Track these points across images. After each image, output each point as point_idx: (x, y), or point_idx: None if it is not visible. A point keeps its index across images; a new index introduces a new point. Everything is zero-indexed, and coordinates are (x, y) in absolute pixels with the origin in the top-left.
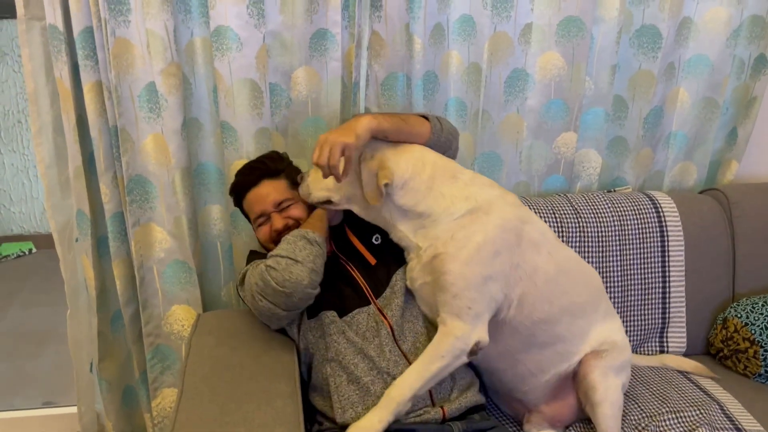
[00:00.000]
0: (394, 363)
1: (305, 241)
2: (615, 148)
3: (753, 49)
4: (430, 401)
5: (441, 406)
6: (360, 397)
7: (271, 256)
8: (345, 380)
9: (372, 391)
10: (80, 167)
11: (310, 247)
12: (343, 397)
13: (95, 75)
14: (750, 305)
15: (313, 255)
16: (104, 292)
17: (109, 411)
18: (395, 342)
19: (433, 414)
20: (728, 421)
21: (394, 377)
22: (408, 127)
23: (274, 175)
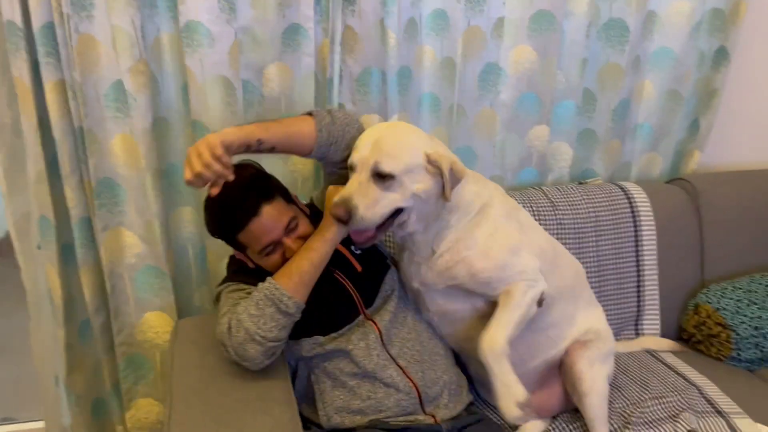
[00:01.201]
0: (381, 366)
1: (275, 309)
2: (585, 141)
3: (713, 42)
4: (421, 410)
5: (432, 415)
6: (345, 401)
7: (233, 315)
8: (329, 386)
9: (358, 394)
10: (43, 171)
11: (279, 318)
12: (327, 404)
13: (57, 73)
14: (720, 291)
15: (278, 328)
16: (70, 301)
17: (79, 424)
18: (383, 346)
19: (424, 419)
20: (708, 404)
21: (382, 380)
22: (270, 130)
23: (270, 196)
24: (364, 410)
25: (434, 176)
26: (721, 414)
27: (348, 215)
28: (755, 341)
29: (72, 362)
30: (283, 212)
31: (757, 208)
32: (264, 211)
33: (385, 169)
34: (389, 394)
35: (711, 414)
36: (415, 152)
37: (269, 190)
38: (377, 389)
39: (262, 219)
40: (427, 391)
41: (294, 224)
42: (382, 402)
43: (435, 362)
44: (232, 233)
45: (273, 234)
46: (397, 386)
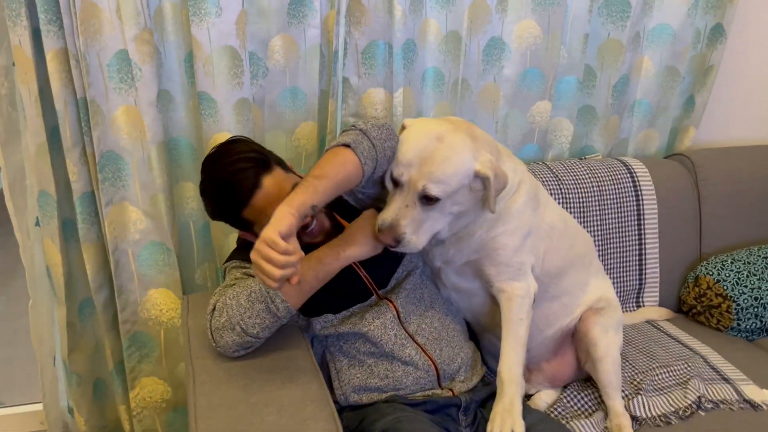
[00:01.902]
0: (400, 345)
1: (265, 307)
2: (584, 117)
3: (709, 19)
4: (438, 385)
5: (450, 389)
6: (362, 380)
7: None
8: (346, 365)
9: (375, 373)
10: (44, 143)
11: (266, 317)
12: (344, 383)
13: (60, 41)
14: (720, 263)
15: (261, 326)
16: (71, 278)
17: (80, 406)
18: (401, 324)
19: (441, 393)
20: (714, 371)
21: (400, 359)
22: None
23: (268, 166)
24: (382, 388)
25: (476, 192)
26: (728, 381)
27: (396, 242)
28: (755, 311)
29: (72, 341)
30: (284, 181)
31: (754, 183)
32: (265, 183)
33: (433, 194)
34: (408, 373)
35: (718, 381)
36: (464, 173)
37: (266, 161)
38: (395, 368)
39: (265, 190)
40: (446, 368)
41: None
42: (401, 380)
43: (453, 338)
44: (235, 212)
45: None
46: (415, 364)
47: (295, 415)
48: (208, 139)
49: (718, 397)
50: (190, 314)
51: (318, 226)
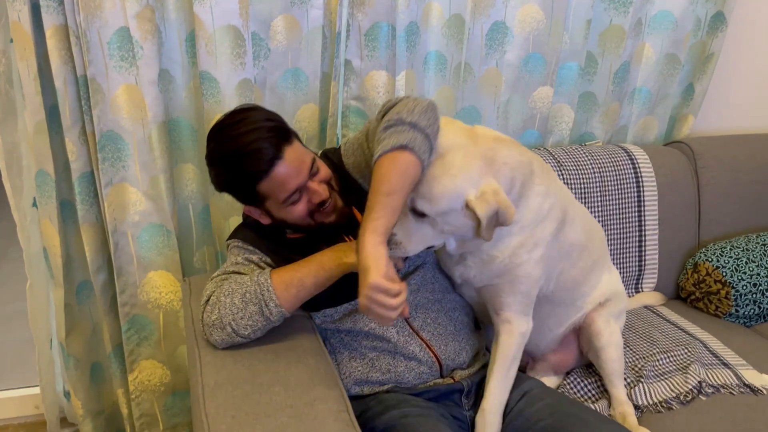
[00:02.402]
0: (403, 342)
1: (258, 310)
2: (585, 103)
3: (710, 7)
4: (439, 374)
5: (451, 377)
6: (364, 373)
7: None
8: (347, 357)
9: (377, 367)
10: (42, 122)
11: (258, 320)
12: (344, 375)
13: (60, 18)
14: (719, 249)
15: (252, 328)
16: (68, 260)
17: (77, 389)
18: (405, 319)
19: (443, 382)
20: (714, 357)
21: (403, 354)
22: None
23: (289, 137)
24: (383, 381)
25: (473, 218)
26: (728, 366)
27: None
28: (753, 297)
29: (70, 324)
30: (304, 154)
31: (754, 171)
32: (287, 154)
33: (419, 209)
34: (410, 368)
35: (718, 366)
36: (453, 198)
37: (286, 132)
38: (398, 363)
39: (287, 162)
40: (449, 363)
41: (315, 168)
42: (403, 375)
43: (460, 332)
44: (252, 183)
45: (299, 178)
46: (419, 360)
47: (303, 395)
48: (209, 120)
49: (718, 382)
50: (192, 296)
51: (332, 204)
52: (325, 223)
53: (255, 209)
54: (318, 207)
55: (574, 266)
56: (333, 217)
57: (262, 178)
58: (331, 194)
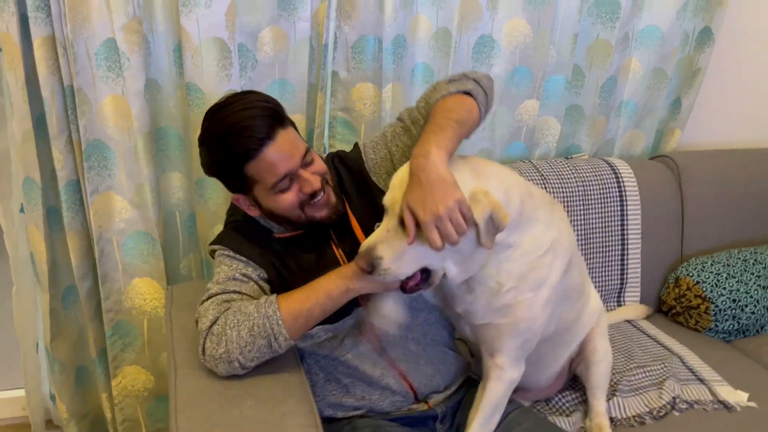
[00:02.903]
0: (379, 375)
1: (267, 343)
2: (572, 116)
3: (698, 22)
4: (413, 397)
5: (426, 402)
6: (338, 398)
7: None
8: (322, 379)
9: (352, 393)
10: (30, 131)
11: (266, 352)
12: (319, 398)
13: (47, 29)
14: (700, 264)
15: (259, 360)
16: (55, 266)
17: (62, 393)
18: (382, 350)
19: (417, 407)
20: (690, 372)
21: (378, 385)
22: (464, 128)
23: (284, 121)
24: (357, 407)
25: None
26: (703, 381)
27: (371, 267)
28: (732, 313)
29: (55, 329)
30: (298, 140)
31: (736, 186)
32: (279, 137)
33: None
34: (385, 397)
35: (693, 381)
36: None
37: (281, 116)
38: (372, 391)
39: (278, 144)
40: (423, 390)
41: (309, 158)
42: (377, 403)
43: (434, 356)
44: (240, 164)
45: (291, 163)
46: (393, 390)
47: (274, 408)
48: (195, 130)
49: (692, 398)
50: (173, 305)
51: (325, 198)
52: (315, 219)
53: (243, 198)
54: (309, 198)
55: (573, 307)
56: (325, 212)
57: (252, 157)
58: (324, 187)
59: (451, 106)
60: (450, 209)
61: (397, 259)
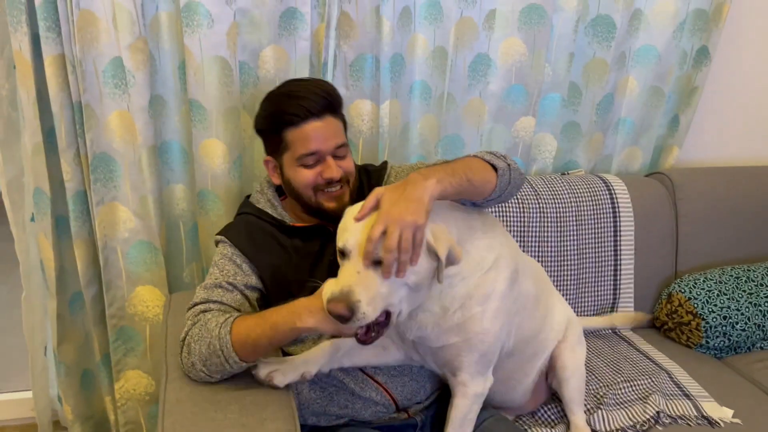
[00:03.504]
0: (360, 386)
1: (222, 361)
2: (569, 133)
3: (696, 41)
4: (394, 408)
5: (406, 411)
6: (322, 406)
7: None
8: (306, 387)
9: (335, 401)
10: (40, 144)
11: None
12: (303, 405)
13: (57, 48)
14: (692, 281)
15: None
16: (62, 273)
17: (68, 395)
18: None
19: (398, 416)
20: (677, 387)
21: (360, 396)
22: (471, 188)
23: (337, 111)
24: (340, 415)
25: (430, 261)
26: (689, 397)
27: (350, 312)
28: (723, 330)
29: (62, 333)
30: (340, 134)
31: (731, 204)
32: (325, 119)
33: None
34: (367, 406)
35: (679, 397)
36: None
37: (337, 107)
38: (355, 400)
39: (321, 124)
40: (405, 402)
41: (343, 152)
42: (359, 412)
43: (422, 372)
44: (282, 126)
45: (323, 144)
46: (374, 401)
47: (255, 413)
48: (197, 144)
49: (677, 413)
50: (170, 313)
51: (339, 192)
52: (323, 207)
53: (272, 161)
54: (325, 185)
55: (532, 317)
56: (333, 204)
57: (293, 123)
58: (342, 183)
59: (475, 166)
60: (410, 224)
61: (373, 301)
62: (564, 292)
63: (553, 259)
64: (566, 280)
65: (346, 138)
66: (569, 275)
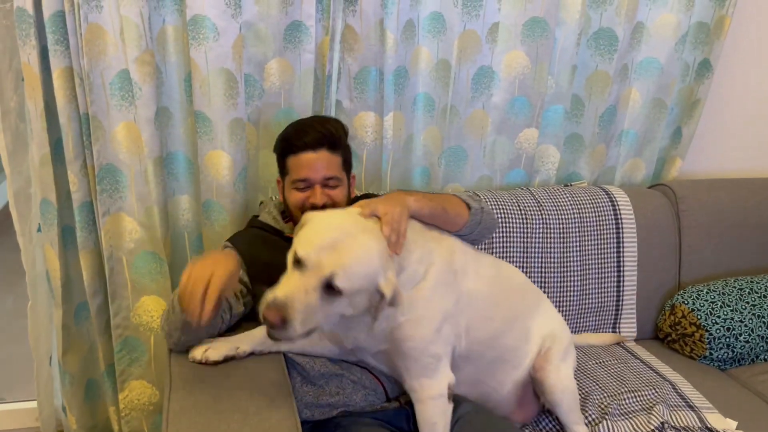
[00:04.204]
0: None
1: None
2: (572, 145)
3: (698, 54)
4: (385, 398)
5: (398, 400)
6: (315, 397)
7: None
8: (299, 381)
9: (327, 390)
10: (47, 155)
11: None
12: (297, 398)
13: (66, 60)
14: (695, 293)
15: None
16: (68, 283)
17: (72, 405)
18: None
19: (389, 405)
20: (681, 398)
21: (349, 378)
22: (444, 215)
23: (335, 148)
24: (333, 404)
25: (372, 297)
26: (693, 408)
27: (281, 323)
28: (727, 341)
29: (67, 343)
30: (333, 167)
31: (734, 215)
32: (321, 153)
33: (339, 285)
34: (357, 390)
35: (683, 408)
36: (371, 279)
37: (336, 144)
38: (345, 385)
39: (315, 156)
40: (393, 388)
41: (333, 183)
42: (351, 396)
43: None
44: (286, 153)
45: (314, 174)
46: (363, 384)
47: (259, 423)
48: (203, 155)
49: (681, 424)
50: None
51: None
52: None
53: (281, 182)
54: (311, 208)
55: (488, 318)
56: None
57: (293, 152)
58: (326, 208)
59: (451, 200)
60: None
61: (305, 322)
62: (567, 302)
63: (556, 270)
64: (569, 290)
65: (344, 173)
66: (572, 286)
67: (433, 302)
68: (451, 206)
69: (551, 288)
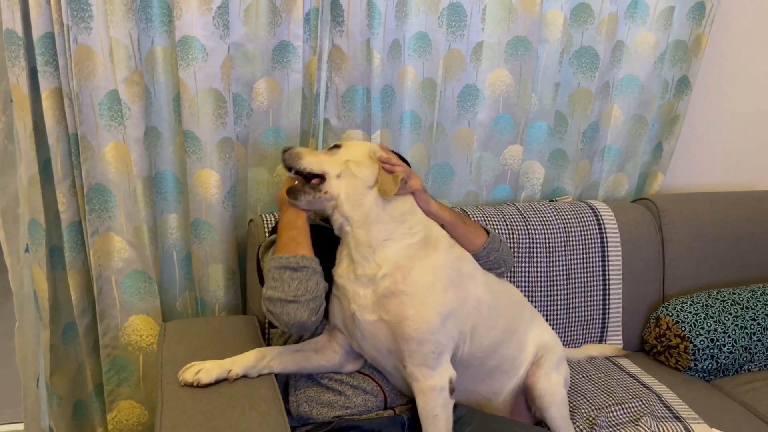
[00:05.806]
0: (348, 376)
1: (290, 271)
2: (556, 160)
3: (676, 72)
4: (383, 405)
5: (393, 409)
6: (317, 393)
7: (263, 299)
8: (304, 381)
9: (330, 389)
10: (36, 175)
11: (297, 275)
12: (299, 393)
13: (55, 81)
14: (679, 305)
15: (305, 284)
16: (56, 303)
17: (60, 426)
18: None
19: (385, 413)
20: (667, 410)
21: (350, 384)
22: (463, 227)
23: None
24: (332, 404)
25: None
26: (679, 419)
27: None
28: (711, 352)
29: (55, 364)
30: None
31: (714, 228)
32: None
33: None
34: (357, 394)
35: (669, 419)
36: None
37: None
38: (346, 388)
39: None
40: (393, 397)
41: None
42: (351, 399)
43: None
44: None
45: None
46: (364, 389)
47: None
48: (191, 174)
49: None
50: (165, 341)
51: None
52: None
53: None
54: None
55: (491, 327)
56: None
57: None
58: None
59: (472, 221)
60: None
61: (312, 157)
62: (553, 316)
63: (543, 284)
64: (555, 304)
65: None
66: (558, 300)
67: (436, 288)
68: (470, 226)
69: (538, 302)
